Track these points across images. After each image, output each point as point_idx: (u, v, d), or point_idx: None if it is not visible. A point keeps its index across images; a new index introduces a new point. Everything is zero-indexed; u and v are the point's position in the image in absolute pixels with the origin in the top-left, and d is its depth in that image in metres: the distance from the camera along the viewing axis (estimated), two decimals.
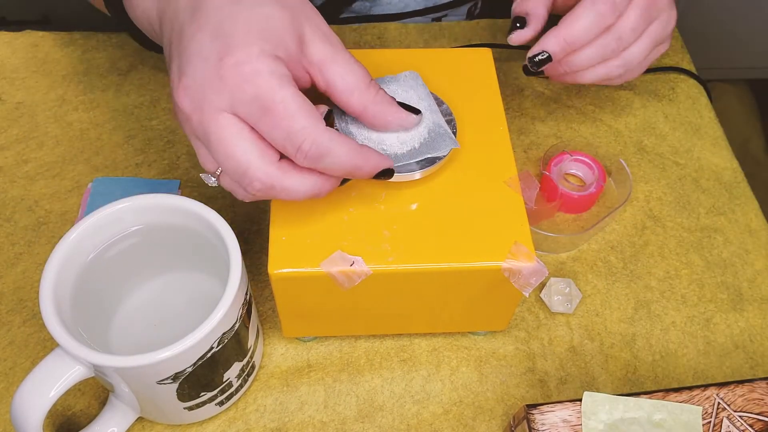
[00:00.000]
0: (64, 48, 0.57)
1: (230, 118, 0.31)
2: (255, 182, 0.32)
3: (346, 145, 0.32)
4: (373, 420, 0.41)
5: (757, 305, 0.47)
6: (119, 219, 0.37)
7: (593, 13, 0.42)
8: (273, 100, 0.31)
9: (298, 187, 0.33)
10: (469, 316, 0.41)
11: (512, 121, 0.55)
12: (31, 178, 0.50)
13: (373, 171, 0.34)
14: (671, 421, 0.35)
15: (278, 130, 0.31)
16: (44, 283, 0.34)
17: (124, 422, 0.38)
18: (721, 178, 0.53)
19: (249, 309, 0.37)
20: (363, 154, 0.33)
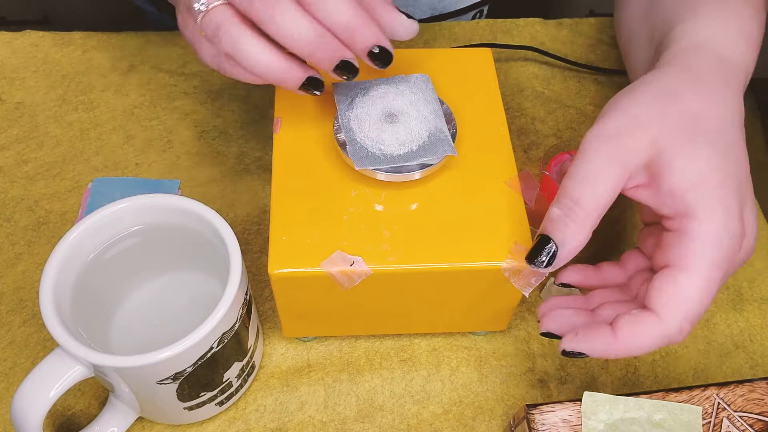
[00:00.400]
0: (64, 48, 0.57)
1: None
2: (223, 36, 0.33)
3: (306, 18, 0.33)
4: (373, 420, 0.41)
5: (757, 305, 0.47)
6: (119, 219, 0.37)
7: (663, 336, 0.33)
8: None
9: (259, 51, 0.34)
10: (469, 316, 0.41)
11: (512, 121, 0.55)
12: (31, 178, 0.50)
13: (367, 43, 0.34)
14: (671, 421, 0.35)
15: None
16: (44, 283, 0.34)
17: (124, 422, 0.38)
18: None
19: (249, 309, 0.37)
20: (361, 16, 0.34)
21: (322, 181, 0.38)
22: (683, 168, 0.33)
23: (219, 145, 0.52)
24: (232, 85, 0.56)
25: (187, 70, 0.56)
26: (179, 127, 0.53)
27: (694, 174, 0.32)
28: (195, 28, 0.36)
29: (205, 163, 0.51)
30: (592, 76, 0.58)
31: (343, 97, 0.40)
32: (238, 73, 0.36)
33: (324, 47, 0.33)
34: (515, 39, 0.60)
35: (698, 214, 0.32)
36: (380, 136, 0.38)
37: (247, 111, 0.54)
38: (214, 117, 0.54)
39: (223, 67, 0.36)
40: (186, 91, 0.55)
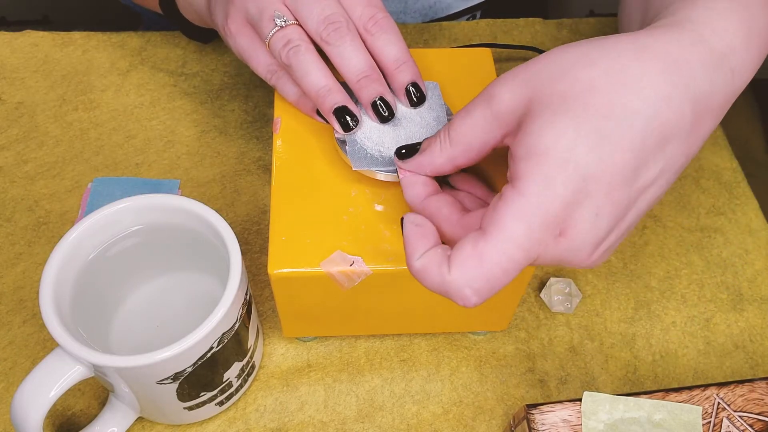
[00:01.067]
0: (64, 48, 0.57)
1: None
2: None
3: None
4: (373, 420, 0.41)
5: (757, 305, 0.47)
6: (119, 219, 0.37)
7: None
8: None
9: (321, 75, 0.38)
10: (469, 316, 0.41)
11: None
12: (31, 178, 0.50)
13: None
14: (671, 421, 0.35)
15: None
16: (44, 283, 0.34)
17: (124, 422, 0.38)
18: (721, 178, 0.53)
19: (249, 309, 0.37)
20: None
21: (322, 181, 0.38)
22: (534, 134, 0.29)
23: (219, 145, 0.52)
24: (232, 85, 0.56)
25: (187, 70, 0.56)
26: (179, 127, 0.53)
27: (541, 144, 0.29)
28: (255, 39, 0.40)
29: (205, 163, 0.51)
30: None
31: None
32: (284, 85, 0.40)
33: (371, 79, 0.38)
34: (515, 39, 0.60)
35: (520, 184, 0.29)
36: (381, 138, 0.38)
37: (247, 111, 0.54)
38: (214, 117, 0.54)
39: (275, 77, 0.40)
40: (186, 91, 0.55)
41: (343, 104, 0.37)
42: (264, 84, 0.56)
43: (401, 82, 0.38)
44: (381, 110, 0.38)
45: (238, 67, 0.57)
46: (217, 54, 0.57)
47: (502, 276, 0.29)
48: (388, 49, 0.38)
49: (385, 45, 0.38)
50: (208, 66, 0.57)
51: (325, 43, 0.37)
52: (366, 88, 0.37)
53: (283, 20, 0.38)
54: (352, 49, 0.37)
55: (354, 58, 0.37)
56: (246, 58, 0.41)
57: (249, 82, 0.56)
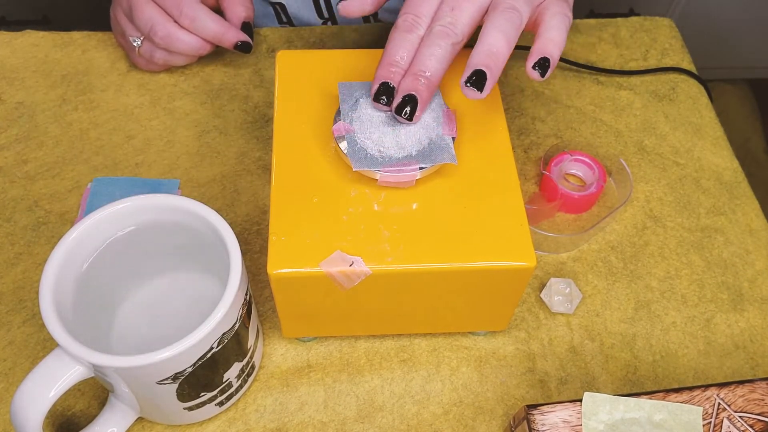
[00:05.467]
0: (64, 48, 0.57)
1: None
2: (158, 32, 0.50)
3: (212, 16, 0.51)
4: (373, 420, 0.41)
5: (758, 305, 0.47)
6: (119, 219, 0.37)
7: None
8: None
9: (186, 39, 0.51)
10: (469, 316, 0.41)
11: (512, 121, 0.55)
12: (30, 178, 0.50)
13: (233, 40, 0.52)
14: (672, 421, 0.35)
15: (169, 0, 0.50)
16: (44, 283, 0.34)
17: (124, 422, 0.38)
18: (721, 178, 0.53)
19: (249, 309, 0.37)
20: (225, 25, 0.51)
21: (322, 181, 0.38)
22: None
23: (219, 145, 0.52)
24: (232, 85, 0.56)
25: (187, 70, 0.56)
26: (179, 127, 0.53)
27: None
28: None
29: (205, 163, 0.51)
30: (592, 76, 0.58)
31: (347, 97, 0.40)
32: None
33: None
34: None
35: None
36: (381, 138, 0.38)
37: (247, 111, 0.54)
38: (214, 117, 0.54)
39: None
40: (186, 91, 0.55)
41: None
42: (264, 84, 0.56)
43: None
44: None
45: (238, 67, 0.57)
46: (217, 54, 0.57)
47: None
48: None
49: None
50: (208, 66, 0.57)
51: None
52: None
53: (137, 42, 0.53)
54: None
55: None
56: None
57: (249, 82, 0.56)
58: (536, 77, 0.38)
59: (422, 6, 0.38)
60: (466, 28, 0.38)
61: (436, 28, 0.38)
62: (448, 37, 0.37)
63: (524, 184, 0.51)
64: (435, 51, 0.37)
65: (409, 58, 0.38)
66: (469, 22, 0.38)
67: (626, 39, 0.61)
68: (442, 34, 0.37)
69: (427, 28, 0.38)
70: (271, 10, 0.65)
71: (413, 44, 0.38)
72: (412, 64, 0.38)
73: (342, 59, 0.44)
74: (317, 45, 0.59)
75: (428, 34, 0.38)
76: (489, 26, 0.37)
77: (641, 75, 0.59)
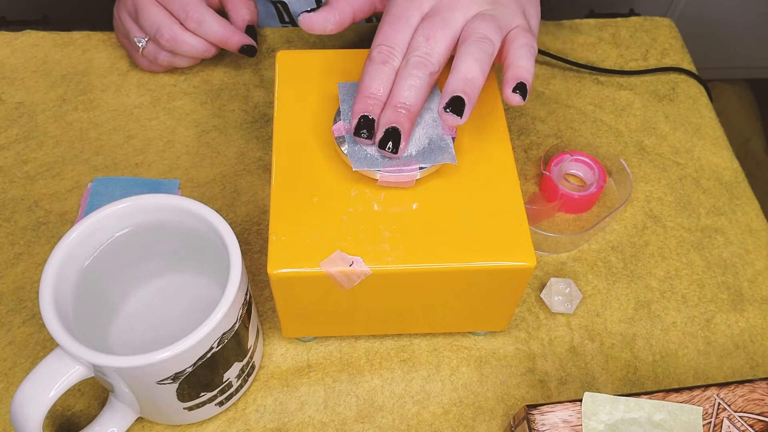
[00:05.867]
0: (64, 48, 0.57)
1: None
2: (164, 34, 0.50)
3: (218, 20, 0.51)
4: (373, 420, 0.41)
5: (758, 305, 0.47)
6: (119, 219, 0.37)
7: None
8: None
9: (192, 42, 0.51)
10: (469, 316, 0.41)
11: (512, 121, 0.55)
12: (30, 178, 0.50)
13: (238, 44, 0.52)
14: (671, 421, 0.35)
15: (175, 3, 0.50)
16: (44, 283, 0.34)
17: (124, 422, 0.38)
18: (721, 178, 0.53)
19: (249, 309, 0.37)
20: (230, 29, 0.52)
21: (322, 181, 0.38)
22: None
23: (219, 145, 0.52)
24: (232, 85, 0.56)
25: (187, 70, 0.56)
26: (179, 127, 0.53)
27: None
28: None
29: (205, 163, 0.51)
30: (592, 76, 0.58)
31: (347, 97, 0.40)
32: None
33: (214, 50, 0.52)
34: None
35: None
36: None
37: (247, 111, 0.54)
38: (214, 117, 0.54)
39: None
40: (186, 91, 0.55)
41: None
42: (264, 84, 0.56)
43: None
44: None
45: (238, 67, 0.57)
46: (217, 54, 0.57)
47: None
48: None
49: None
50: (208, 66, 0.57)
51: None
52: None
53: (143, 42, 0.53)
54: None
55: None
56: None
57: (249, 82, 0.56)
58: (517, 101, 0.38)
59: (395, 37, 0.38)
60: (442, 57, 0.38)
61: (412, 58, 0.38)
62: (425, 68, 0.37)
63: (524, 184, 0.51)
64: (413, 82, 0.37)
65: (386, 89, 0.38)
66: (444, 51, 0.38)
67: (626, 39, 0.61)
68: (419, 65, 0.37)
69: (403, 59, 0.38)
70: (273, 9, 0.65)
71: (389, 76, 0.38)
72: (391, 96, 0.38)
73: (342, 59, 0.44)
74: (317, 45, 0.59)
75: (404, 65, 0.38)
76: (463, 54, 0.37)
77: (641, 75, 0.59)
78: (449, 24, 0.38)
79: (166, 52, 0.53)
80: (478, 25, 0.38)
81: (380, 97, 0.38)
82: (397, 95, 0.37)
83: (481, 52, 0.37)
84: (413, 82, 0.37)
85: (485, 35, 0.38)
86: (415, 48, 0.38)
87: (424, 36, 0.38)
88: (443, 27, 0.38)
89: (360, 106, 0.38)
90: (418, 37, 0.38)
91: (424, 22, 0.38)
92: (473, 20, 0.39)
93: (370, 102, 0.37)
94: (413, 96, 0.37)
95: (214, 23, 0.51)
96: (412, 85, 0.37)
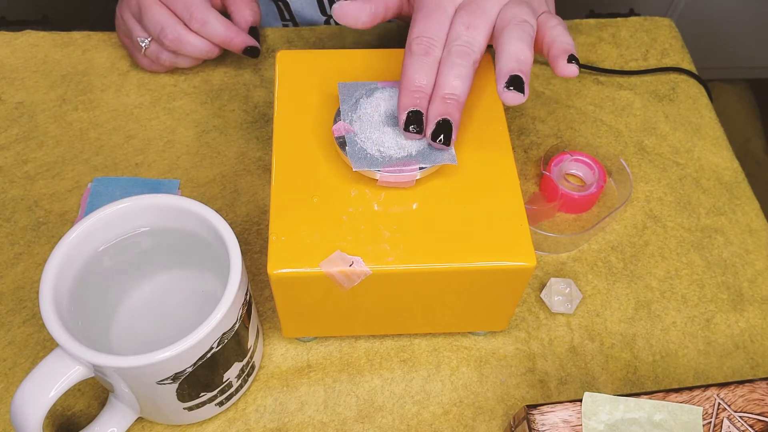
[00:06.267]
0: (64, 48, 0.57)
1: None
2: (168, 34, 0.50)
3: (222, 21, 0.51)
4: (373, 420, 0.41)
5: (758, 305, 0.47)
6: (119, 219, 0.37)
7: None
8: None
9: (196, 42, 0.52)
10: (469, 316, 0.41)
11: (512, 121, 0.55)
12: (30, 178, 0.50)
13: (241, 45, 0.52)
14: (672, 421, 0.35)
15: (179, 3, 0.50)
16: (44, 283, 0.34)
17: (124, 422, 0.38)
18: (721, 178, 0.53)
19: (249, 309, 0.37)
20: (234, 30, 0.52)
21: (322, 181, 0.38)
22: None
23: (219, 145, 0.52)
24: (232, 85, 0.56)
25: (187, 70, 0.56)
26: (179, 127, 0.53)
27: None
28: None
29: (205, 163, 0.51)
30: (592, 76, 0.58)
31: (347, 97, 0.40)
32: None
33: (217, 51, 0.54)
34: None
35: None
36: (381, 138, 0.38)
37: (247, 111, 0.54)
38: (214, 117, 0.54)
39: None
40: (186, 91, 0.55)
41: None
42: (264, 84, 0.56)
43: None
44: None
45: (238, 67, 0.57)
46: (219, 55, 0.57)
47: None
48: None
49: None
50: (208, 66, 0.57)
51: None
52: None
53: (146, 42, 0.53)
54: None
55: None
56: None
57: (249, 82, 0.56)
58: (573, 71, 0.38)
59: (433, 28, 0.38)
60: (483, 45, 0.38)
61: (455, 47, 0.37)
62: (468, 56, 0.37)
63: (524, 184, 0.51)
64: (459, 71, 0.37)
65: (430, 81, 0.38)
66: (485, 39, 0.38)
67: (626, 39, 0.61)
68: (462, 53, 0.37)
69: (444, 49, 0.38)
70: (274, 7, 0.65)
71: (432, 67, 0.38)
72: (437, 86, 0.37)
73: (342, 59, 0.44)
74: (317, 45, 0.59)
75: (447, 54, 0.38)
76: (508, 37, 0.37)
77: (641, 75, 0.59)
78: (486, 12, 0.38)
79: (169, 53, 0.53)
80: (514, 11, 0.38)
81: (426, 90, 0.37)
82: (444, 85, 0.37)
83: (525, 34, 0.37)
84: (459, 71, 0.37)
85: (524, 18, 0.38)
86: (456, 37, 0.38)
87: (464, 25, 0.38)
88: (481, 15, 0.38)
89: (407, 100, 0.37)
90: (458, 26, 0.38)
91: (461, 11, 0.38)
92: (508, 7, 0.39)
93: (416, 96, 0.37)
94: (461, 85, 0.37)
95: (218, 24, 0.51)
96: (458, 74, 0.37)
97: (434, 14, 0.38)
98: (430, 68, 0.38)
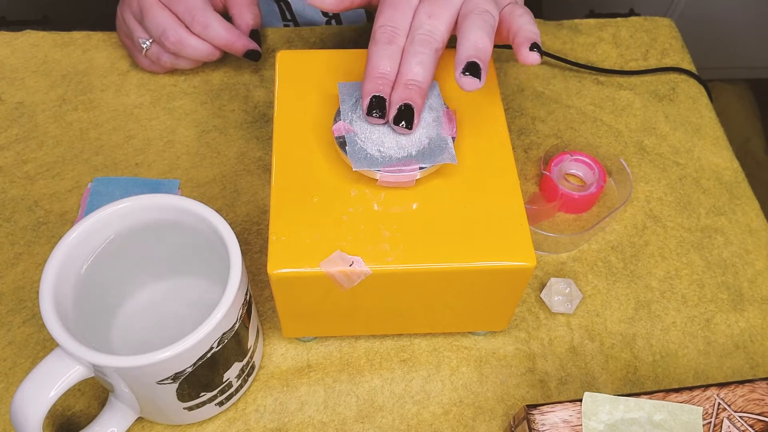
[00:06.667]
0: (64, 48, 0.57)
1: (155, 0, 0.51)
2: (170, 37, 0.51)
3: (224, 24, 0.51)
4: (373, 420, 0.41)
5: (758, 305, 0.47)
6: (119, 219, 0.37)
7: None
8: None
9: (197, 45, 0.52)
10: (469, 316, 0.41)
11: (512, 121, 0.55)
12: (30, 178, 0.50)
13: (243, 48, 0.52)
14: (671, 421, 0.35)
15: (181, 6, 0.51)
16: (44, 283, 0.34)
17: (124, 422, 0.38)
18: (721, 178, 0.53)
19: (249, 309, 0.37)
20: (235, 33, 0.52)
21: (322, 181, 0.38)
22: None
23: (219, 145, 0.52)
24: (232, 85, 0.56)
25: (187, 70, 0.56)
26: (179, 127, 0.53)
27: None
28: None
29: (205, 163, 0.51)
30: (592, 76, 0.58)
31: (347, 97, 0.40)
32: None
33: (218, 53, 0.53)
34: None
35: None
36: (381, 138, 0.38)
37: (247, 111, 0.54)
38: (214, 117, 0.54)
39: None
40: (186, 91, 0.55)
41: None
42: (264, 84, 0.56)
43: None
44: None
45: (238, 67, 0.57)
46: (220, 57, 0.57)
47: None
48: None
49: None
50: (208, 66, 0.57)
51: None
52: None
53: (147, 44, 0.53)
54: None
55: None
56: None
57: (249, 82, 0.56)
58: (535, 59, 0.39)
59: (397, 16, 0.39)
60: (445, 34, 0.39)
61: (417, 36, 0.38)
62: (430, 44, 0.38)
63: (524, 184, 0.51)
64: (421, 58, 0.38)
65: (393, 68, 0.38)
66: (447, 28, 0.39)
67: (626, 39, 0.61)
68: (424, 42, 0.38)
69: (408, 38, 0.39)
70: (276, 7, 0.65)
71: (396, 54, 0.38)
72: (400, 73, 0.38)
73: (342, 59, 0.44)
74: (317, 45, 0.59)
75: (410, 42, 0.38)
76: (468, 26, 0.38)
77: (641, 75, 0.59)
78: (450, 2, 0.39)
79: (170, 54, 0.53)
80: (477, 1, 0.39)
81: (389, 76, 0.38)
82: (406, 72, 0.38)
83: (486, 23, 0.38)
84: (421, 58, 0.38)
85: (486, 9, 0.39)
86: (418, 26, 0.38)
87: (426, 14, 0.38)
88: (444, 5, 0.39)
89: (370, 86, 0.38)
90: (421, 15, 0.39)
91: (425, 1, 0.39)
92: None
93: (380, 82, 0.38)
94: (422, 72, 0.38)
95: (220, 27, 0.51)
96: (420, 61, 0.38)
97: (399, 4, 0.39)
98: (394, 56, 0.38)
